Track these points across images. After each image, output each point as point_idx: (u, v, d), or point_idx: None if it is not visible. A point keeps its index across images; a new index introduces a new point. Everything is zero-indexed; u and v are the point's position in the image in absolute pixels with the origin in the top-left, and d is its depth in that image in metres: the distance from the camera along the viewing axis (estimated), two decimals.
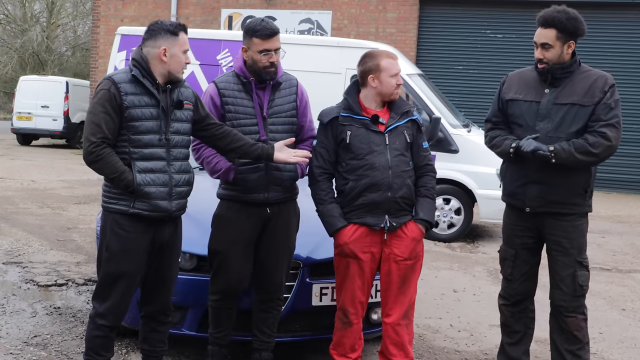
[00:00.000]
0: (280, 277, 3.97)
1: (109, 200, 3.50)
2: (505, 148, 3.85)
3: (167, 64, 3.46)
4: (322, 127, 3.92)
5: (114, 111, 3.38)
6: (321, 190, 3.90)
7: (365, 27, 15.88)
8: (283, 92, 3.93)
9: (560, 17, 3.72)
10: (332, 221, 3.85)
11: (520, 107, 3.87)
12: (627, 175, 14.68)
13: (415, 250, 3.88)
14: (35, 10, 33.72)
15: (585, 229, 3.87)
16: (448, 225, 8.78)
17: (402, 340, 3.87)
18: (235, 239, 3.87)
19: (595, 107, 3.71)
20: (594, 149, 3.67)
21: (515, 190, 3.90)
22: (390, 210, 3.81)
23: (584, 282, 3.80)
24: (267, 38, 3.76)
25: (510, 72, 4.08)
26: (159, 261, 3.62)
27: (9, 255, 6.75)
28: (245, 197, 3.86)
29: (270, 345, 4.01)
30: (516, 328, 4.05)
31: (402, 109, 3.92)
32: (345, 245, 3.82)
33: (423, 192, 3.91)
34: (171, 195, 3.50)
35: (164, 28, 3.47)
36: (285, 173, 3.89)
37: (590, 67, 3.87)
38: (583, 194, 3.81)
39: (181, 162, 3.56)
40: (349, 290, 3.87)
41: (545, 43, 3.75)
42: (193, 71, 9.53)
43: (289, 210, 3.99)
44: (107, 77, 3.48)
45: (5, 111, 33.29)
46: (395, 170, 3.81)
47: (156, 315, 3.72)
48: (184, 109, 3.57)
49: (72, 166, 15.03)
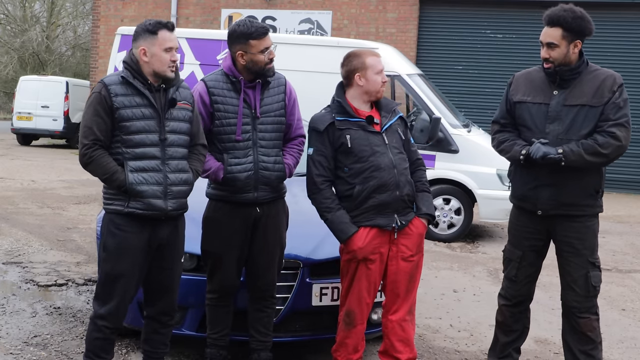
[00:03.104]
0: (272, 276, 3.97)
1: (107, 200, 3.53)
2: (514, 154, 3.81)
3: (149, 63, 3.47)
4: (317, 135, 3.86)
5: (105, 113, 3.41)
6: (326, 198, 3.84)
7: (365, 27, 15.88)
8: (272, 91, 3.93)
9: (566, 16, 3.68)
10: (345, 228, 3.77)
11: (529, 109, 3.83)
12: (627, 175, 14.67)
13: (420, 246, 3.91)
14: (35, 10, 33.72)
15: (597, 229, 3.85)
16: (448, 225, 8.77)
17: (408, 336, 3.88)
18: (226, 241, 3.88)
19: (604, 107, 3.68)
20: (604, 149, 3.64)
21: (526, 193, 3.87)
22: (398, 209, 3.82)
23: (596, 283, 3.79)
24: (264, 37, 3.78)
25: (517, 73, 4.03)
26: (160, 262, 3.62)
27: (9, 255, 6.75)
28: (234, 197, 3.86)
29: (267, 345, 4.01)
30: (515, 327, 4.05)
31: (390, 107, 3.95)
32: (359, 250, 3.77)
33: (420, 186, 3.94)
34: (166, 194, 3.50)
35: (144, 28, 3.49)
36: (273, 173, 3.88)
37: (598, 66, 3.83)
38: (594, 195, 3.79)
39: (178, 161, 3.55)
40: (356, 292, 3.84)
41: (551, 42, 3.71)
42: (193, 71, 9.53)
43: (277, 208, 3.99)
44: (100, 80, 3.52)
45: (5, 111, 33.30)
46: (399, 168, 3.83)
47: (160, 316, 3.71)
48: (181, 108, 3.57)
49: (72, 166, 15.02)
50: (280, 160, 3.92)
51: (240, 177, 3.82)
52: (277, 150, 3.93)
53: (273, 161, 3.89)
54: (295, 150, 4.03)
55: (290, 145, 4.02)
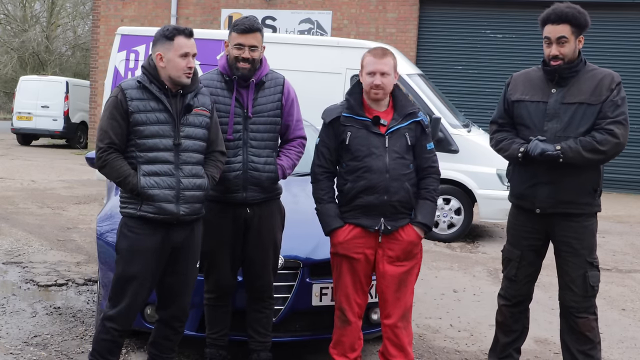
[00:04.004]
0: (268, 276, 3.97)
1: (122, 204, 3.56)
2: (513, 153, 3.82)
3: (165, 69, 3.48)
4: (324, 126, 3.91)
5: (120, 117, 3.44)
6: (321, 189, 3.90)
7: (365, 27, 15.89)
8: (267, 91, 3.91)
9: (572, 12, 3.72)
10: (329, 221, 3.85)
11: (527, 108, 3.84)
12: (627, 175, 14.68)
13: (411, 253, 3.85)
14: (35, 10, 33.72)
15: (595, 229, 3.86)
16: (448, 225, 8.78)
17: (401, 342, 3.87)
18: (219, 241, 3.88)
19: (602, 105, 3.70)
20: (602, 146, 3.65)
21: (524, 192, 3.87)
22: (386, 213, 3.79)
23: (595, 283, 3.79)
24: (242, 33, 3.77)
25: (515, 73, 4.05)
26: (174, 266, 3.61)
27: (9, 255, 6.75)
28: (224, 197, 3.86)
29: (267, 345, 4.01)
30: (514, 328, 4.05)
31: (406, 110, 3.87)
32: (339, 245, 3.84)
33: (423, 194, 3.87)
34: (178, 198, 3.49)
35: (161, 33, 3.51)
36: (263, 174, 3.86)
37: (595, 65, 3.85)
38: (593, 194, 3.80)
39: (192, 166, 3.54)
40: (343, 288, 3.88)
41: (562, 36, 3.70)
42: None
43: (271, 209, 3.96)
44: (118, 84, 3.57)
45: (5, 111, 33.32)
46: (393, 173, 3.78)
47: (172, 321, 3.70)
48: (198, 114, 3.57)
49: (72, 166, 15.03)
50: (272, 161, 3.89)
51: (229, 177, 3.81)
52: (270, 151, 3.90)
53: (264, 162, 3.86)
54: (293, 151, 4.01)
55: (287, 146, 4.01)
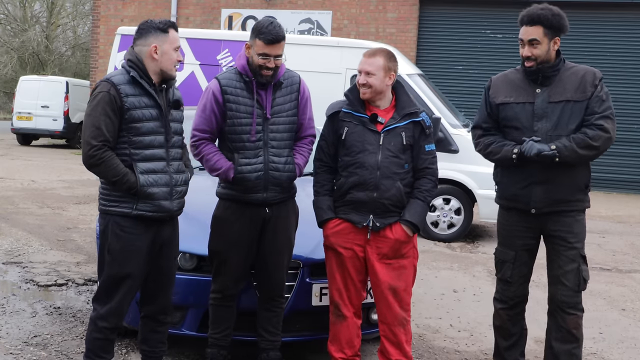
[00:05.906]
0: (282, 276, 3.99)
1: (109, 203, 3.48)
2: (506, 154, 3.82)
3: (158, 61, 3.46)
4: (326, 120, 3.98)
5: (114, 113, 3.38)
6: (317, 182, 3.99)
7: (365, 27, 15.88)
8: (284, 91, 3.92)
9: (546, 14, 3.75)
10: (320, 213, 3.95)
11: (513, 109, 3.85)
12: (627, 175, 14.67)
13: (399, 252, 3.86)
14: (35, 10, 33.72)
15: (585, 224, 3.91)
16: (448, 225, 8.78)
17: (399, 341, 3.89)
18: (234, 241, 3.87)
19: (588, 101, 3.74)
20: (594, 142, 3.70)
21: (517, 192, 3.87)
22: (375, 211, 3.82)
23: (586, 277, 3.83)
24: (269, 44, 3.75)
25: (493, 76, 4.05)
26: (158, 261, 3.62)
27: (9, 255, 6.75)
28: (244, 197, 3.86)
29: (277, 344, 4.03)
30: (513, 331, 4.04)
31: (406, 110, 3.89)
32: (326, 238, 3.93)
33: (415, 193, 3.89)
34: (172, 195, 3.51)
35: (154, 26, 3.48)
36: (284, 174, 3.88)
37: (574, 63, 3.90)
38: (584, 190, 3.86)
39: (178, 162, 3.60)
40: (334, 281, 3.94)
41: (534, 39, 3.75)
42: (193, 71, 9.53)
43: (288, 209, 4.00)
44: (105, 79, 3.46)
45: (5, 111, 33.30)
46: (385, 171, 3.80)
47: (156, 315, 3.72)
48: (177, 110, 3.60)
49: (72, 166, 15.03)
50: (291, 160, 3.91)
51: (250, 178, 3.82)
52: (289, 151, 3.93)
53: (284, 162, 3.88)
54: (305, 149, 4.03)
55: (300, 144, 4.02)
